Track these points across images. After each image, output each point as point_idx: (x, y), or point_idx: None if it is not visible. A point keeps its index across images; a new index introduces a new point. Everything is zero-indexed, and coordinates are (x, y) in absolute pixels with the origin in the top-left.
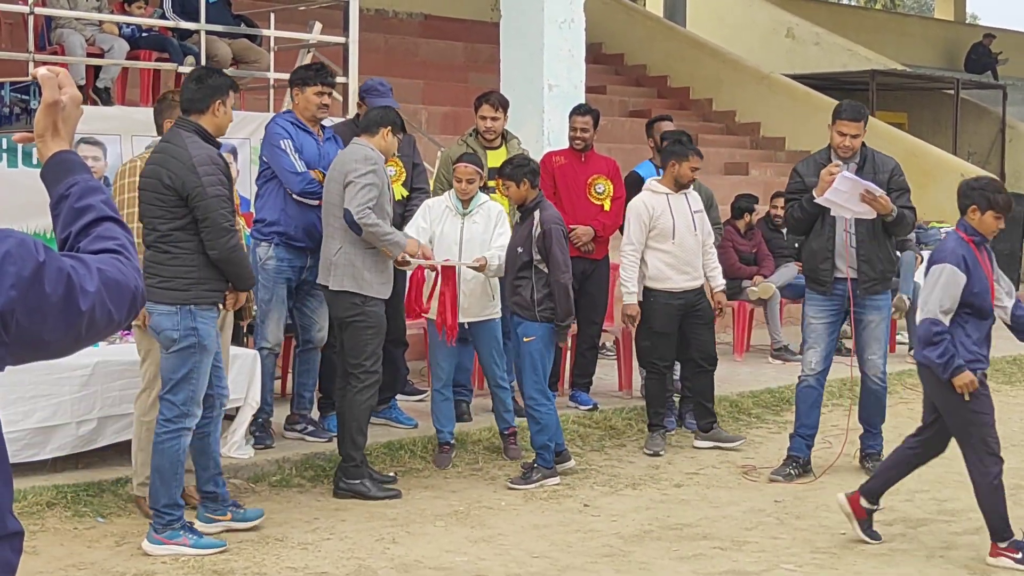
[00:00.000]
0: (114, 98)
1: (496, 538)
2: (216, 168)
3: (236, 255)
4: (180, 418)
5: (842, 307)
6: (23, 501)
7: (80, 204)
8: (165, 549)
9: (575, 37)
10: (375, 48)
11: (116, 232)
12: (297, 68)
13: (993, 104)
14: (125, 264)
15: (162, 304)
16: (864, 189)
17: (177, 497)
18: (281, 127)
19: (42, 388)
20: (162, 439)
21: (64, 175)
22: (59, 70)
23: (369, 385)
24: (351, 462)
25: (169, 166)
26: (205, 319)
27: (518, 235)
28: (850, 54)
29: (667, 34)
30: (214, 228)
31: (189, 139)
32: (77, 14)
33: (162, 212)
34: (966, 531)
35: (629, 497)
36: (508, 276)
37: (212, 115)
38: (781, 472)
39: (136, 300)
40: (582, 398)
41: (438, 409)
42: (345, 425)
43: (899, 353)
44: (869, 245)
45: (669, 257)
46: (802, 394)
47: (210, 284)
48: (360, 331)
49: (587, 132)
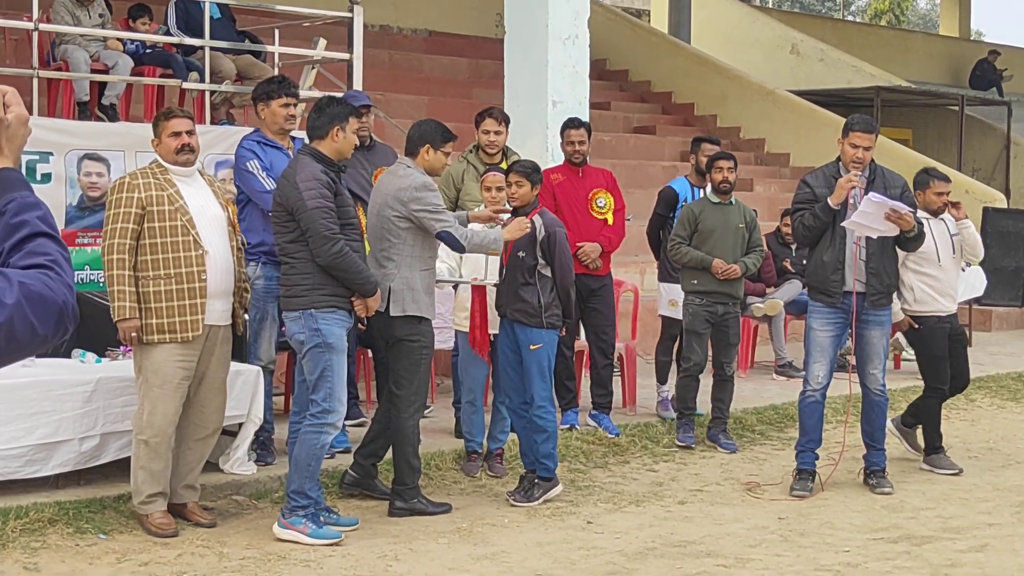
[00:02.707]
0: (119, 114)
1: (499, 555)
2: (318, 183)
3: (341, 261)
4: (323, 414)
5: (847, 320)
6: (24, 518)
7: (15, 220)
8: (287, 533)
9: (579, 53)
10: (379, 64)
11: (49, 248)
12: (259, 83)
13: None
14: (54, 279)
15: (290, 311)
16: (890, 208)
17: (308, 488)
18: (246, 148)
19: (44, 404)
20: (306, 430)
21: (2, 191)
22: (6, 89)
23: (417, 408)
24: (405, 486)
25: (281, 187)
26: (328, 320)
27: (520, 240)
28: (855, 70)
29: (672, 50)
30: (316, 237)
31: (301, 161)
32: (82, 30)
33: (279, 228)
34: (971, 548)
35: (632, 514)
36: (509, 283)
37: (331, 140)
38: (803, 488)
39: (64, 315)
40: (605, 423)
41: (469, 420)
42: (399, 450)
43: (904, 370)
44: (879, 258)
45: (933, 281)
46: (808, 408)
47: (327, 289)
48: (414, 351)
49: (584, 145)
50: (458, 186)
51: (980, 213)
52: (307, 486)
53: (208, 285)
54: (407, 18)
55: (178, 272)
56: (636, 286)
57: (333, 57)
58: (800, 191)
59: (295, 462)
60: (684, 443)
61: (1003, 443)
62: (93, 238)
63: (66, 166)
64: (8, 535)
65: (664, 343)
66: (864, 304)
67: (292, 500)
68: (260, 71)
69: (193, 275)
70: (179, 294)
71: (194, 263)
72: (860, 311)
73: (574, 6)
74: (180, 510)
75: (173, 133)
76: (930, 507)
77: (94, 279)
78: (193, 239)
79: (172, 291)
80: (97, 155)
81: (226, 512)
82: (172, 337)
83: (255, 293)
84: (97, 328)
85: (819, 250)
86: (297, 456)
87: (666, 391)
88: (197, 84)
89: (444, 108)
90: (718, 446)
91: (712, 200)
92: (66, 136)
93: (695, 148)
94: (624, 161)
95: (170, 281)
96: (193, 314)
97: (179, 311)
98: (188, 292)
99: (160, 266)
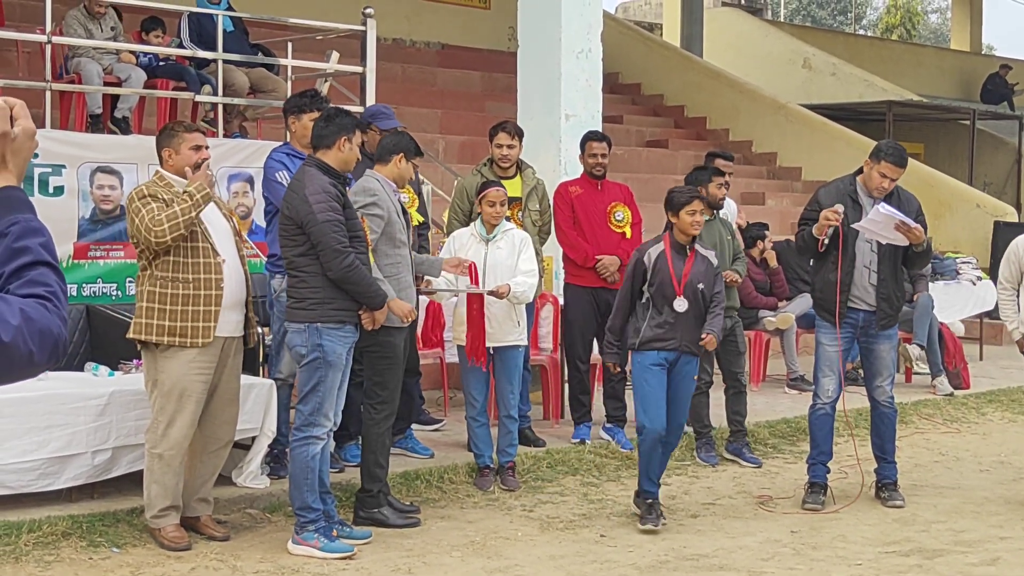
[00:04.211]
0: (131, 127)
1: (512, 568)
2: (327, 196)
3: (352, 275)
4: (307, 427)
5: (854, 336)
6: (38, 531)
7: (18, 244)
8: (300, 549)
9: (592, 67)
10: (392, 77)
11: (49, 279)
12: (291, 97)
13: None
14: (51, 312)
15: (294, 323)
16: (899, 221)
17: (311, 501)
18: (277, 160)
19: (57, 418)
20: (293, 446)
21: (6, 212)
22: (15, 101)
23: (384, 416)
24: (368, 493)
25: (289, 199)
26: (332, 337)
27: (699, 273)
28: (866, 84)
29: (684, 64)
30: (327, 251)
31: (308, 173)
32: (95, 43)
33: (287, 240)
34: (983, 562)
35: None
36: (695, 316)
37: (337, 151)
38: (816, 501)
39: (58, 347)
40: (619, 437)
41: (475, 435)
42: (364, 457)
43: (915, 383)
44: (889, 283)
45: None
46: (819, 421)
47: (335, 304)
48: (375, 361)
49: (605, 158)
50: (471, 199)
51: (991, 227)
52: (309, 499)
53: (223, 295)
54: (420, 31)
55: (196, 278)
56: None
57: (346, 70)
58: (809, 207)
59: (292, 479)
60: (708, 462)
61: (1015, 456)
62: (106, 251)
63: (78, 179)
64: (21, 548)
65: None
66: (873, 325)
67: (300, 516)
68: (273, 84)
69: (211, 282)
70: (195, 300)
71: (212, 270)
72: (868, 327)
73: (587, 20)
74: (193, 523)
75: (195, 146)
76: (942, 520)
77: (106, 292)
78: (211, 247)
79: (190, 296)
80: (110, 168)
81: (239, 526)
82: (182, 341)
83: (280, 306)
84: (110, 341)
85: (825, 269)
86: (292, 473)
87: None
88: (210, 97)
89: (457, 121)
90: (742, 460)
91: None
92: (79, 149)
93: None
94: (636, 175)
95: (188, 286)
96: (207, 321)
97: (193, 316)
98: (205, 299)
99: (180, 270)
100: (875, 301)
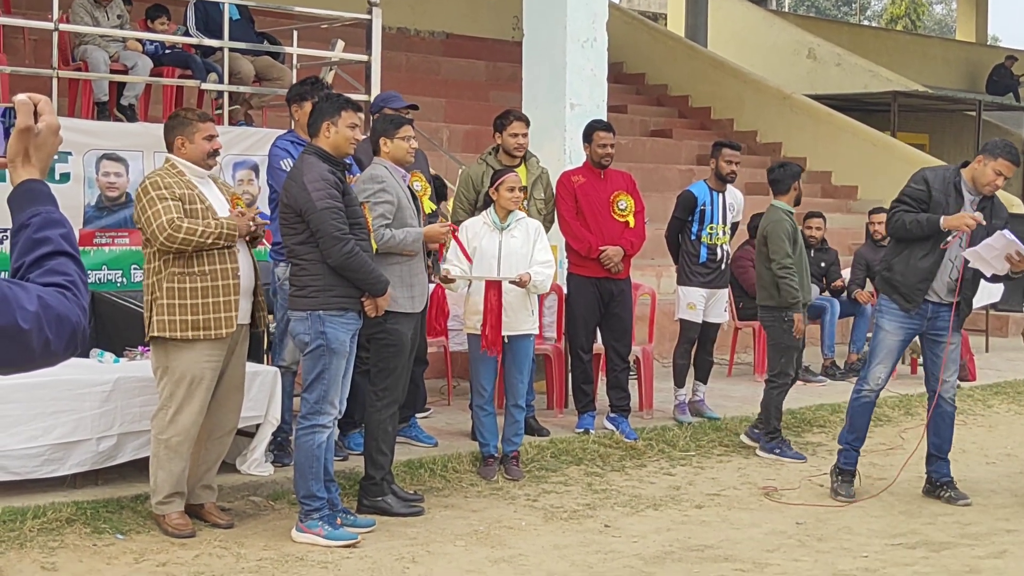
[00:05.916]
0: (137, 115)
1: (516, 558)
2: (326, 184)
3: (352, 261)
4: (313, 415)
5: (920, 328)
6: (42, 517)
7: (38, 235)
8: (304, 537)
9: (598, 56)
10: (397, 66)
11: (69, 268)
12: (293, 85)
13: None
14: (71, 300)
15: (297, 311)
16: (1015, 251)
17: (315, 490)
18: (281, 148)
19: (62, 404)
20: (298, 435)
21: (28, 204)
22: (40, 97)
23: (387, 403)
24: (371, 480)
25: (287, 187)
26: (334, 324)
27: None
28: (871, 75)
29: (689, 54)
30: (326, 238)
31: (306, 160)
32: (101, 31)
33: (287, 229)
34: (989, 555)
35: (650, 518)
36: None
37: (324, 136)
38: (848, 493)
39: (76, 336)
40: (624, 427)
41: (481, 424)
42: (367, 444)
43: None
44: (969, 284)
45: None
46: (861, 408)
47: (337, 291)
48: (380, 348)
49: (613, 148)
50: (478, 188)
51: None
52: (314, 488)
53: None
54: (425, 20)
55: (212, 269)
56: (653, 290)
57: (351, 59)
58: (916, 186)
59: (297, 467)
60: (796, 459)
61: (1021, 449)
62: (111, 238)
63: (84, 166)
64: (26, 534)
65: (682, 347)
66: (942, 319)
67: (304, 505)
68: (279, 73)
69: (227, 272)
70: (214, 291)
71: (228, 260)
72: (936, 319)
73: (592, 9)
74: (197, 511)
75: (209, 136)
76: (948, 513)
77: (111, 279)
78: None
79: (208, 288)
80: (116, 155)
81: (243, 513)
82: (206, 334)
83: (284, 294)
84: (115, 328)
85: (914, 253)
86: (297, 461)
87: (683, 395)
88: (216, 85)
89: (462, 110)
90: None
91: None
92: (85, 136)
93: (715, 153)
94: (641, 164)
95: (205, 278)
96: (227, 311)
97: (214, 308)
98: (223, 289)
99: (195, 263)
100: (945, 295)
